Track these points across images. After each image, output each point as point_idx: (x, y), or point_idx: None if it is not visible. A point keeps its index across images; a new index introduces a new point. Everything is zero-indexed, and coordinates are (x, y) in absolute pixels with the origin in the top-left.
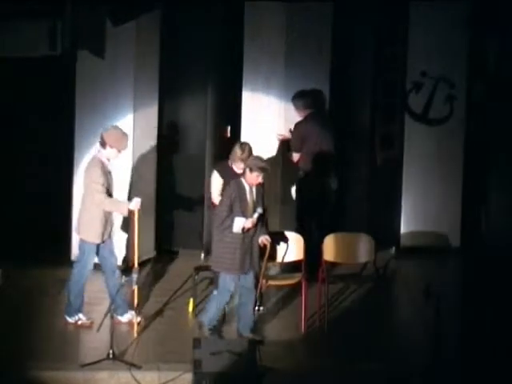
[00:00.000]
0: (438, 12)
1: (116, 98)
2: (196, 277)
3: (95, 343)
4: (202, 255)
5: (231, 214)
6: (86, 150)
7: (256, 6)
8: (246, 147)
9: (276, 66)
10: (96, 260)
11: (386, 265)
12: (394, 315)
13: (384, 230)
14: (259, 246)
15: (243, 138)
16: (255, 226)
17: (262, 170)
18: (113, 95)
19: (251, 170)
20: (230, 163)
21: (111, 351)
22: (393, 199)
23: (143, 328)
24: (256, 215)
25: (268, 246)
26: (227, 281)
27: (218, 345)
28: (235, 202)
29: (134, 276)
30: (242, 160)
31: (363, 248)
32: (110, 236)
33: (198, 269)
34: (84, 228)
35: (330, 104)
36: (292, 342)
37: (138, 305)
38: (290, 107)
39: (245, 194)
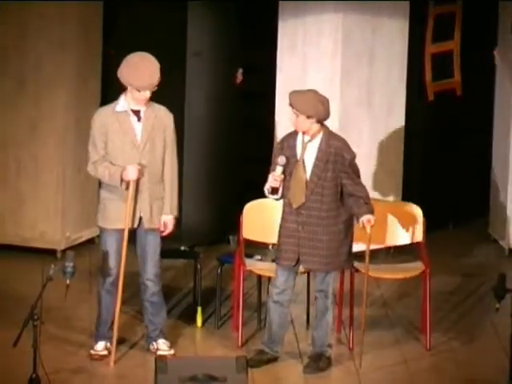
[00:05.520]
0: None
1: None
2: None
3: (12, 365)
4: None
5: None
6: None
7: None
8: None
9: None
10: None
11: None
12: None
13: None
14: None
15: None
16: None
17: None
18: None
19: None
20: None
21: (34, 376)
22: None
23: (81, 343)
24: (279, 168)
25: (368, 229)
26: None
27: (192, 366)
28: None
29: (68, 265)
30: None
31: (407, 224)
32: (150, 223)
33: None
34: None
35: None
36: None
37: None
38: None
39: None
